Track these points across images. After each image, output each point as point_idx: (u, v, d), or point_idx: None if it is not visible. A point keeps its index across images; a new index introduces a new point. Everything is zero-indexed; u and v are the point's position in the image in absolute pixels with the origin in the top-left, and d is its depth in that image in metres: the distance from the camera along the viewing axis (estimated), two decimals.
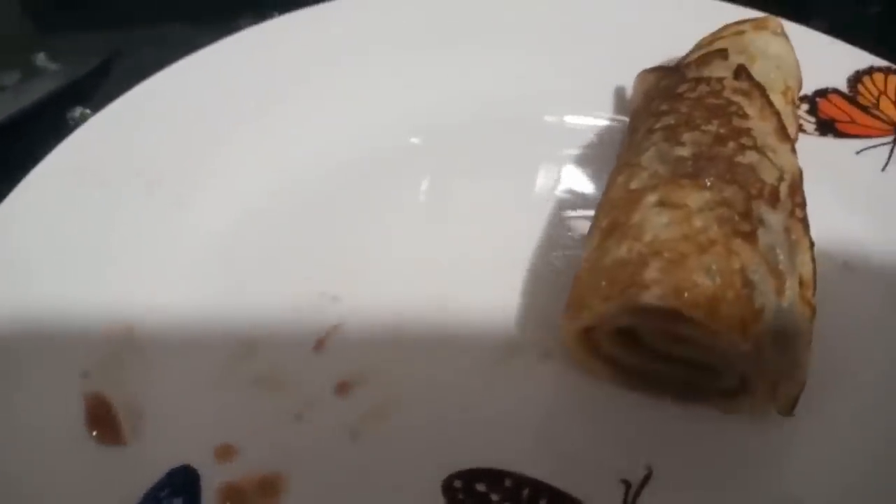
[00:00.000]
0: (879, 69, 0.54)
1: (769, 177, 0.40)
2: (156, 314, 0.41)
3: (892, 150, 0.51)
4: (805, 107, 0.53)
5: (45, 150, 0.46)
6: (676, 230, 0.36)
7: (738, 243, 0.36)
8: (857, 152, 0.51)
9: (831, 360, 0.39)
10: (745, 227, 0.36)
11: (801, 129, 0.51)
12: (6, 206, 0.43)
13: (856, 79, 0.54)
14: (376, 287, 0.44)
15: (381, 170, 0.50)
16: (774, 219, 0.38)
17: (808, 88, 0.53)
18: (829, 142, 0.52)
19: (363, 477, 0.37)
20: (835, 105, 0.53)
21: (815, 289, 0.38)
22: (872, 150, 0.51)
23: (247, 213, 0.47)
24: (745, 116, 0.43)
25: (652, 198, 0.38)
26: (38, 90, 0.57)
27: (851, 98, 0.53)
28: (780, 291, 0.36)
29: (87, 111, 0.56)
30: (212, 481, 0.36)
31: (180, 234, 0.45)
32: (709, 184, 0.38)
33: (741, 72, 0.45)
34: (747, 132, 0.42)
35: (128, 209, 0.45)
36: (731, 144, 0.41)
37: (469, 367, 0.40)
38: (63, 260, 0.42)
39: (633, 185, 0.40)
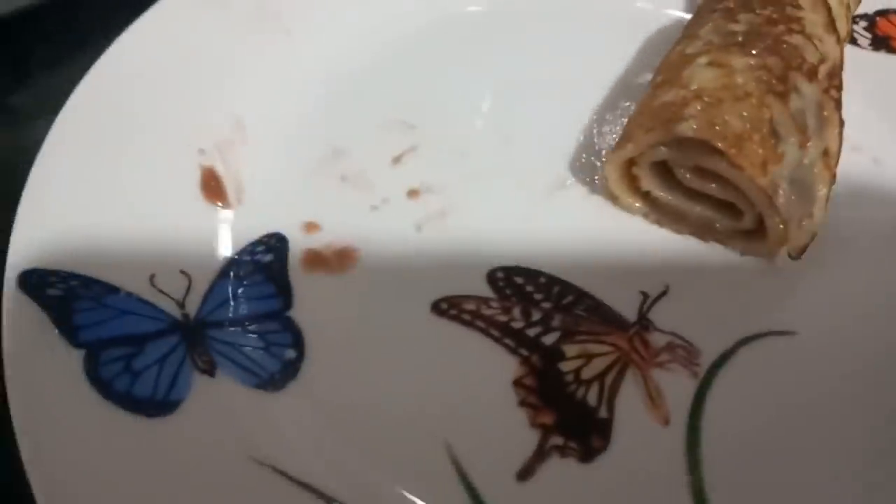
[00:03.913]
0: None
1: (811, 57, 0.45)
2: (262, 114, 0.49)
3: None
4: (863, 24, 0.57)
5: None
6: (719, 82, 0.42)
7: (770, 99, 0.41)
8: None
9: (846, 230, 0.45)
10: (780, 88, 0.42)
11: (854, 42, 0.55)
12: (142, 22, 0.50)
13: None
14: (449, 122, 0.50)
15: (456, 34, 0.57)
16: (809, 90, 0.43)
17: (869, 8, 0.57)
18: (881, 57, 0.56)
19: (422, 258, 0.43)
20: (892, 24, 0.57)
21: (837, 161, 0.43)
22: None
23: (345, 49, 0.54)
24: (798, 7, 0.47)
25: (703, 59, 0.44)
26: None
27: None
28: (803, 146, 0.41)
29: None
30: (298, 247, 0.44)
31: (287, 56, 0.52)
32: (754, 52, 0.43)
33: None
34: (798, 20, 0.47)
35: (246, 31, 0.52)
36: (781, 27, 0.46)
37: (522, 193, 0.47)
38: (189, 65, 0.49)
39: (689, 50, 0.46)
